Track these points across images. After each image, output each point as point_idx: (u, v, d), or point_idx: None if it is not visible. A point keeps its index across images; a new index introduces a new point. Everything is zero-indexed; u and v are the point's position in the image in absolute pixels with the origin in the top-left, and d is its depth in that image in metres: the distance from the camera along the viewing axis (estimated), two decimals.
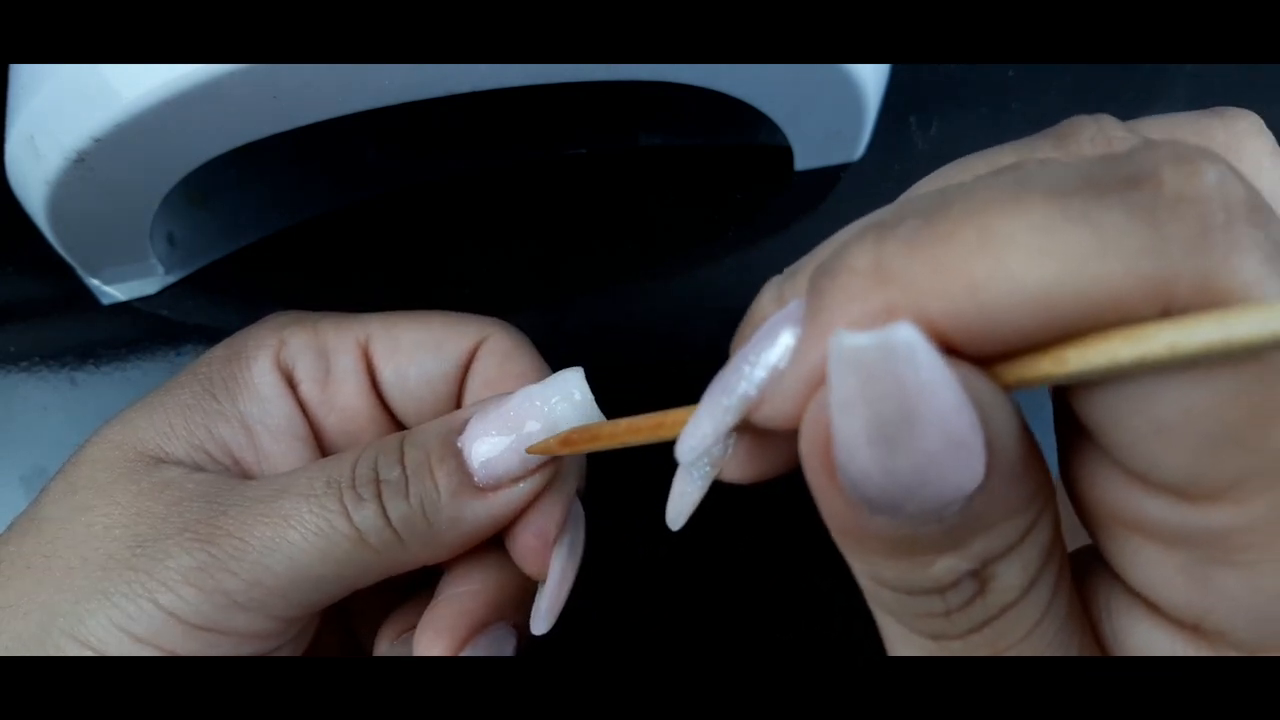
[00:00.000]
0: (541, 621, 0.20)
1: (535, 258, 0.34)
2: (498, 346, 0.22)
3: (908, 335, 0.10)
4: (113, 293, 0.32)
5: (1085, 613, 0.14)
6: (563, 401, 0.19)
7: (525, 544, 0.20)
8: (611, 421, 0.17)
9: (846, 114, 0.33)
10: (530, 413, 0.19)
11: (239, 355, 0.22)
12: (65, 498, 0.20)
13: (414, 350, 0.22)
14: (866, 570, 0.13)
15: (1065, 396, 0.12)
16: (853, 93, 0.31)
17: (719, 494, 0.15)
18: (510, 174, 0.35)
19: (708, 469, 0.15)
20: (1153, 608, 0.13)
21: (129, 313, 0.33)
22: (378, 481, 0.19)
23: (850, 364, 0.10)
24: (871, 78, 0.31)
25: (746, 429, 0.14)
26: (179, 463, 0.20)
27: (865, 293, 0.11)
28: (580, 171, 0.35)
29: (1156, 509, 0.11)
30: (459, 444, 0.19)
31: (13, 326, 0.32)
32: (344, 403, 0.22)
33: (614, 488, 0.23)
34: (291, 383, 0.22)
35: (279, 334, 0.22)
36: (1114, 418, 0.11)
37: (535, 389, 0.19)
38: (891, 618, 0.13)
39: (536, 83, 0.27)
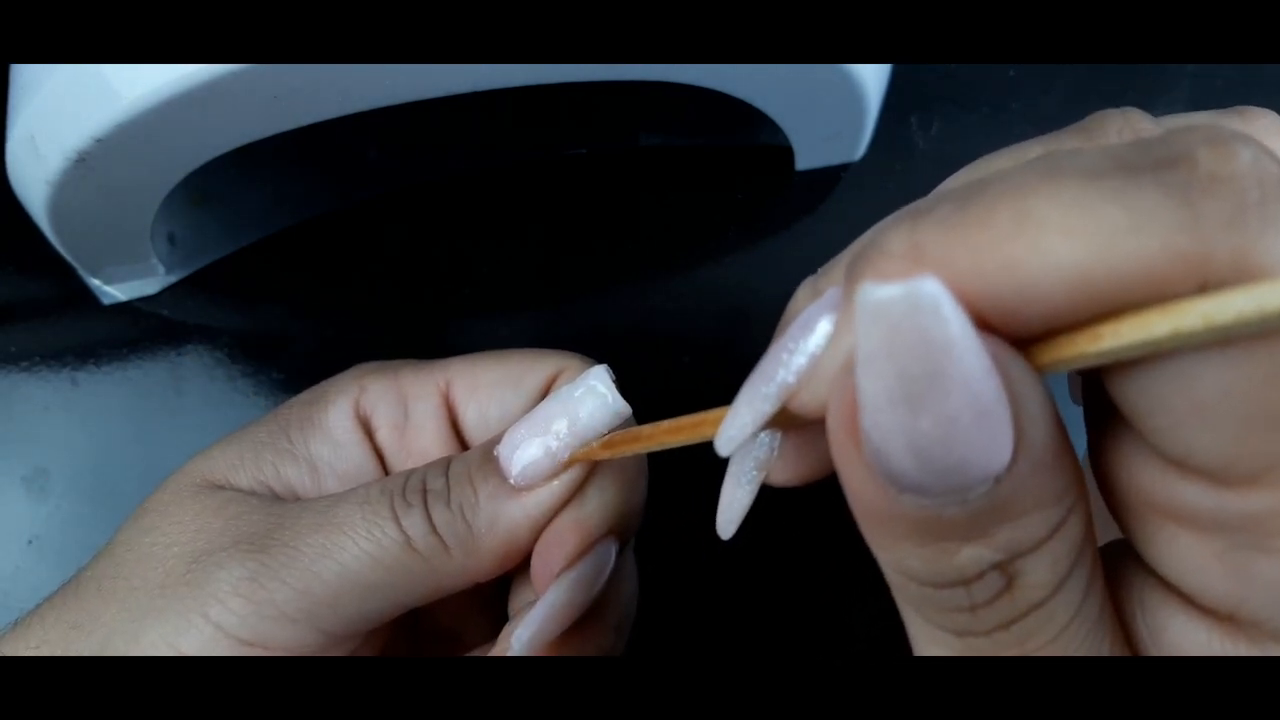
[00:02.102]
0: (517, 643, 0.19)
1: (535, 258, 0.34)
2: (573, 377, 0.22)
3: (932, 287, 0.10)
4: (113, 293, 0.32)
5: (1117, 609, 0.13)
6: (587, 395, 0.19)
7: (533, 564, 0.20)
8: (653, 423, 0.17)
9: (847, 114, 0.33)
10: (557, 411, 0.19)
11: (319, 399, 0.22)
12: (136, 522, 0.20)
13: (493, 388, 0.23)
14: (892, 561, 0.13)
15: (1102, 382, 0.12)
16: (853, 93, 0.31)
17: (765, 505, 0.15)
18: (510, 174, 0.35)
19: (754, 472, 0.15)
20: (1187, 600, 0.13)
21: (129, 313, 0.33)
22: (425, 490, 0.20)
23: (875, 316, 0.10)
24: (872, 78, 0.31)
25: (791, 429, 0.14)
26: (241, 491, 0.21)
27: (901, 274, 0.11)
28: (580, 171, 0.35)
29: (1192, 495, 0.11)
30: (496, 452, 0.20)
31: (13, 326, 0.32)
32: (420, 448, 0.22)
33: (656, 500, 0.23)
34: (368, 429, 0.22)
35: (360, 381, 0.23)
36: (1152, 399, 0.11)
37: (564, 389, 0.20)
38: (917, 614, 0.13)
39: (536, 83, 0.28)
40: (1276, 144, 0.14)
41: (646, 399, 0.21)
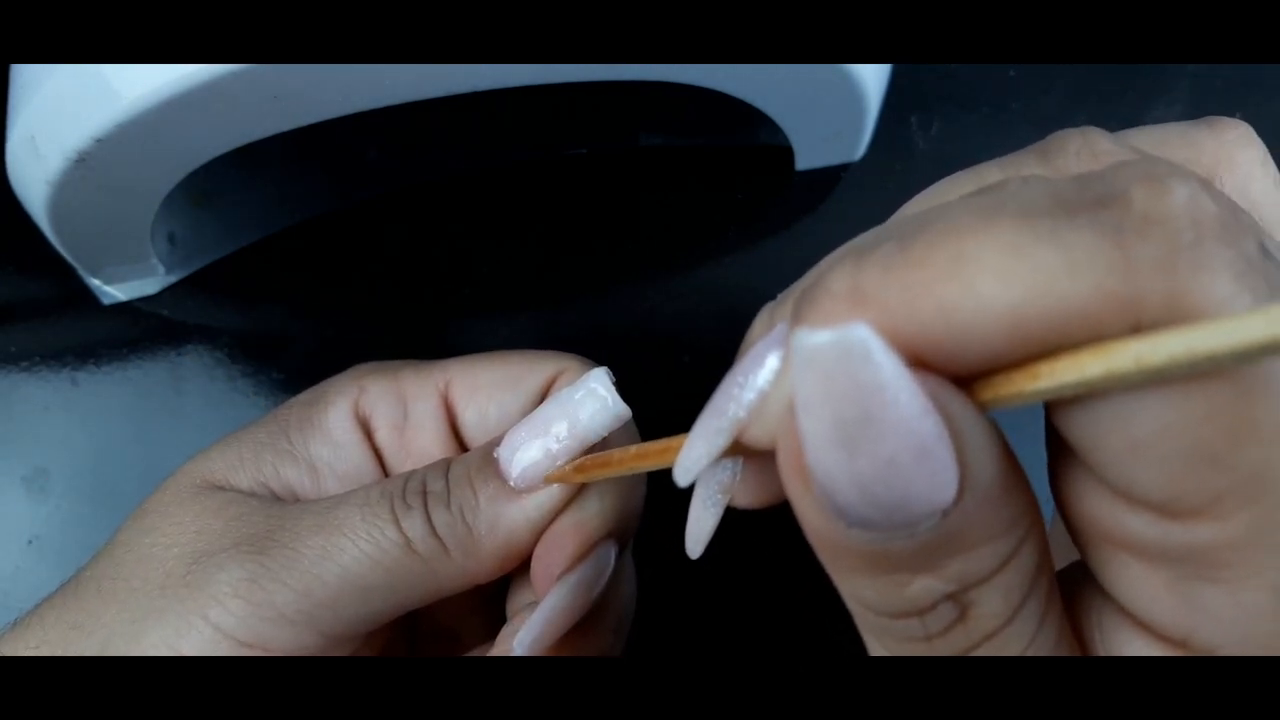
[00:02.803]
0: (519, 646, 0.20)
1: (535, 258, 0.34)
2: (573, 379, 0.22)
3: (862, 333, 0.10)
4: (113, 292, 0.32)
5: (1076, 630, 0.14)
6: (587, 397, 0.19)
7: (533, 567, 0.20)
8: (621, 449, 0.18)
9: (847, 114, 0.33)
10: (557, 413, 0.19)
11: (319, 400, 0.22)
12: (135, 522, 0.20)
13: (493, 389, 0.23)
14: (849, 591, 0.13)
15: (1050, 415, 0.12)
16: (853, 93, 0.31)
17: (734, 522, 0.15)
18: (510, 174, 0.35)
19: (719, 496, 0.15)
20: (1142, 625, 0.13)
21: (129, 313, 0.33)
22: (425, 492, 0.20)
23: (809, 362, 0.11)
24: (872, 78, 0.31)
25: (750, 456, 0.15)
26: (241, 492, 0.21)
27: (841, 315, 0.11)
28: (580, 171, 0.35)
29: (1140, 526, 0.11)
30: (496, 454, 0.20)
31: (13, 326, 0.32)
32: (419, 448, 0.23)
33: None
34: (368, 430, 0.22)
35: (359, 381, 0.23)
36: (1093, 435, 0.11)
37: (564, 391, 0.20)
38: (877, 642, 0.13)
39: (536, 83, 0.28)
40: (1245, 156, 0.14)
41: (647, 400, 0.21)
